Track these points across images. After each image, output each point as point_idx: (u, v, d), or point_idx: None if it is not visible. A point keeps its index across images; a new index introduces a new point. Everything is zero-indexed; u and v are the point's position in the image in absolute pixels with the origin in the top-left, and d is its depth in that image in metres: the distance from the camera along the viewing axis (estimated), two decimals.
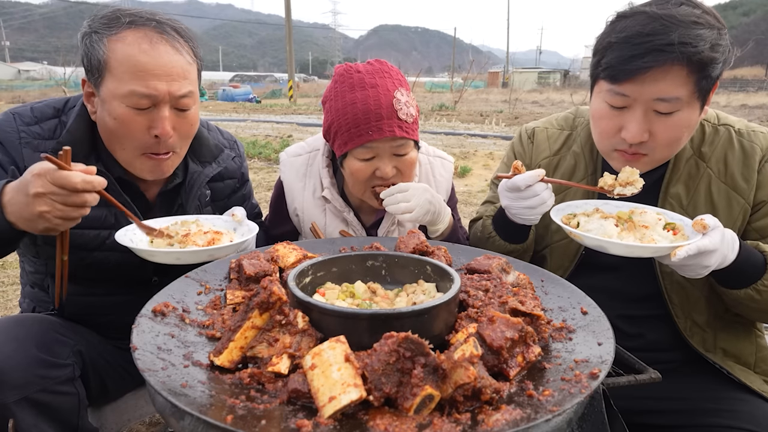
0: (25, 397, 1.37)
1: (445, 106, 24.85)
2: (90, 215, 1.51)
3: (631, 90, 1.37)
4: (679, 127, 1.39)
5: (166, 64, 1.46)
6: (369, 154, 1.69)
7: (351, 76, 1.72)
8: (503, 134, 14.42)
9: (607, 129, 1.47)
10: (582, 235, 1.36)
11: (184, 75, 1.50)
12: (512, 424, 0.75)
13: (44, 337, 1.47)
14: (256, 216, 2.05)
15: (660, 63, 1.31)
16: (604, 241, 1.32)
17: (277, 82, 61.71)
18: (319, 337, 0.94)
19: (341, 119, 1.70)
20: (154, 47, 1.45)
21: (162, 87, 1.45)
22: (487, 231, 1.72)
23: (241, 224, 1.63)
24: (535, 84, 56.43)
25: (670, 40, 1.29)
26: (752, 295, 1.38)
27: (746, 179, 1.51)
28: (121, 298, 1.70)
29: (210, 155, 1.79)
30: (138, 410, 1.95)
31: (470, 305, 1.09)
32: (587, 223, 1.44)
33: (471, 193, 7.30)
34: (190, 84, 1.53)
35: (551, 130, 1.79)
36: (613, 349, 0.96)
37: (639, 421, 1.54)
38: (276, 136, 13.04)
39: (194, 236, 1.49)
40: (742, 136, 1.55)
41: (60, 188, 1.19)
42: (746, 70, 62.50)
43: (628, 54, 1.34)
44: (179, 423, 0.80)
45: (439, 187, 1.98)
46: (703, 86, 1.35)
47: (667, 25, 1.31)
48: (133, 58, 1.43)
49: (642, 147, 1.44)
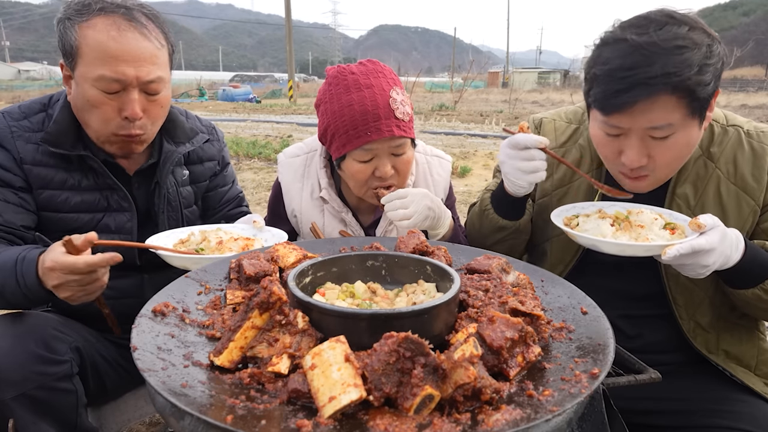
0: (23, 393, 1.38)
1: (445, 106, 24.85)
2: (84, 199, 1.66)
3: (622, 122, 1.36)
4: (678, 148, 1.39)
5: (134, 50, 1.52)
6: (368, 155, 1.69)
7: (345, 77, 1.71)
8: (503, 134, 14.41)
9: (607, 155, 1.48)
10: (576, 235, 1.37)
11: (151, 60, 1.56)
12: (512, 424, 0.75)
13: (42, 333, 1.48)
14: (241, 202, 2.12)
15: (645, 95, 1.28)
16: (596, 240, 1.33)
17: (277, 82, 61.75)
18: (319, 337, 0.94)
19: (338, 122, 1.69)
20: (122, 34, 1.51)
21: (130, 72, 1.52)
22: (484, 204, 1.72)
23: (262, 230, 1.70)
24: (535, 84, 56.43)
25: (653, 73, 1.26)
26: (760, 295, 1.38)
27: (757, 180, 1.50)
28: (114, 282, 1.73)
29: (184, 136, 1.86)
30: (138, 410, 1.95)
31: (470, 305, 1.09)
32: (585, 222, 1.45)
33: (471, 193, 7.30)
34: (159, 69, 1.58)
35: (559, 122, 1.79)
36: (613, 349, 0.96)
37: (639, 421, 1.54)
38: (276, 136, 13.03)
39: (228, 243, 1.55)
40: (751, 137, 1.54)
41: (71, 274, 1.29)
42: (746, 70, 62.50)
43: (613, 89, 1.31)
44: (179, 423, 0.80)
45: (436, 187, 1.97)
46: (695, 107, 1.32)
47: (648, 55, 1.27)
48: (103, 44, 1.50)
49: (643, 169, 1.43)
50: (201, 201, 1.99)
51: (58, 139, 1.61)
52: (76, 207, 1.65)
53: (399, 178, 1.77)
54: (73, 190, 1.66)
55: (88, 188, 1.67)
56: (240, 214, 2.06)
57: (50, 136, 1.61)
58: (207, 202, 2.01)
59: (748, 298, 1.41)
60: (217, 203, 2.03)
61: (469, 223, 1.88)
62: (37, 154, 1.62)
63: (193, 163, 1.91)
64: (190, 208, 1.91)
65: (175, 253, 1.49)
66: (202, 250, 1.52)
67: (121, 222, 1.71)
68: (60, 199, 1.65)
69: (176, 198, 1.82)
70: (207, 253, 1.51)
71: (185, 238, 1.62)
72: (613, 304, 1.25)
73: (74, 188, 1.66)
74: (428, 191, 1.74)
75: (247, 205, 2.15)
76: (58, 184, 1.64)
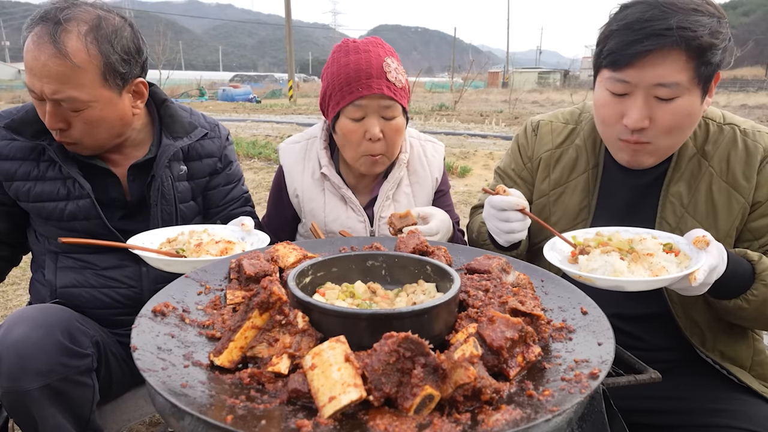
0: (46, 384, 1.41)
1: (445, 106, 24.85)
2: (44, 189, 1.70)
3: (631, 76, 1.38)
4: (680, 114, 1.40)
5: (43, 67, 1.50)
6: (359, 112, 1.78)
7: (347, 45, 1.86)
8: (503, 134, 14.41)
9: (608, 116, 1.48)
10: (593, 278, 1.25)
11: (59, 79, 1.50)
12: (512, 424, 0.75)
13: (68, 324, 1.52)
14: (246, 202, 2.13)
15: (659, 46, 1.33)
16: (620, 281, 1.23)
17: (277, 82, 61.70)
18: (319, 337, 0.94)
19: (335, 81, 1.81)
20: (38, 47, 1.50)
21: (37, 85, 1.52)
22: (482, 237, 1.75)
23: (250, 234, 1.68)
24: (535, 84, 56.45)
25: (668, 25, 1.32)
26: (740, 304, 1.38)
27: (747, 178, 1.51)
28: (112, 272, 1.80)
29: (183, 131, 1.87)
30: (138, 410, 1.95)
31: (470, 305, 1.09)
32: (590, 261, 1.34)
33: (471, 193, 7.30)
34: (71, 88, 1.52)
35: (556, 124, 1.80)
36: (614, 349, 0.95)
37: (639, 421, 1.54)
38: (276, 136, 13.04)
39: (207, 246, 1.53)
40: (747, 135, 1.54)
41: None
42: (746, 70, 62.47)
43: (628, 39, 1.36)
44: (179, 423, 0.80)
45: (431, 167, 2.06)
46: (702, 72, 1.35)
47: (666, 11, 1.34)
48: (25, 54, 1.53)
49: (643, 134, 1.44)
50: (202, 199, 2.00)
51: (20, 127, 1.66)
52: (37, 197, 1.70)
53: (388, 146, 1.84)
54: (37, 180, 1.70)
55: (51, 178, 1.71)
56: (244, 213, 2.07)
57: (13, 123, 1.67)
58: (208, 200, 2.02)
59: (730, 308, 1.40)
60: (220, 201, 2.03)
61: (469, 239, 1.92)
62: (5, 149, 1.68)
63: (192, 159, 1.93)
64: (187, 203, 1.92)
65: (151, 253, 1.49)
66: (182, 251, 1.52)
67: (85, 207, 1.73)
68: (23, 189, 1.70)
69: (171, 192, 1.83)
70: (187, 255, 1.51)
71: (173, 237, 1.62)
72: (611, 303, 1.25)
73: (38, 179, 1.70)
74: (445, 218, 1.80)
75: (252, 205, 2.15)
76: (22, 176, 1.69)
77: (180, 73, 69.60)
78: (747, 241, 1.53)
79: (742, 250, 1.44)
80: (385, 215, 1.96)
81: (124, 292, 1.80)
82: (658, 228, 1.56)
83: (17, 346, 1.39)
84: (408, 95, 1.88)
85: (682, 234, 1.40)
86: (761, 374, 1.57)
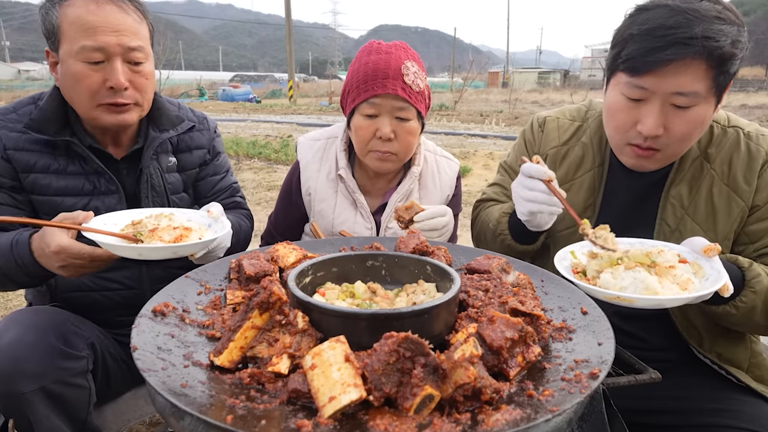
0: (41, 387, 1.41)
1: (445, 106, 24.86)
2: (68, 184, 1.69)
3: (650, 83, 1.36)
4: (694, 123, 1.38)
5: (113, 21, 1.57)
6: (372, 110, 1.81)
7: (371, 45, 1.90)
8: (503, 134, 14.42)
9: (622, 122, 1.46)
10: (635, 298, 1.16)
11: (131, 31, 1.60)
12: (512, 424, 0.75)
13: (62, 328, 1.51)
14: (235, 192, 2.12)
15: (681, 56, 1.30)
16: (662, 300, 1.17)
17: (277, 82, 61.66)
18: (319, 337, 0.94)
19: (354, 79, 1.85)
20: (101, 7, 1.56)
21: (111, 40, 1.56)
22: (501, 227, 1.69)
23: (217, 221, 1.61)
24: (535, 84, 56.44)
25: (693, 34, 1.28)
26: (729, 310, 1.37)
27: (748, 181, 1.50)
28: (112, 274, 1.79)
29: (169, 123, 1.88)
30: (138, 410, 1.95)
31: (470, 305, 1.09)
32: (616, 278, 1.25)
33: (471, 193, 7.30)
34: (140, 39, 1.62)
35: (562, 120, 1.79)
36: (613, 349, 0.96)
37: (639, 421, 1.54)
38: (276, 136, 13.03)
39: (161, 231, 1.48)
40: (750, 138, 1.54)
41: (77, 259, 1.37)
42: (746, 70, 62.48)
43: (650, 46, 1.33)
44: (179, 423, 0.80)
45: (442, 183, 2.06)
46: (720, 82, 1.34)
47: (691, 18, 1.30)
48: (82, 18, 1.55)
49: (656, 142, 1.42)
50: (193, 190, 2.01)
51: (41, 125, 1.65)
52: (60, 191, 1.69)
53: (399, 147, 1.84)
54: (57, 174, 1.69)
55: (73, 173, 1.70)
56: (232, 203, 2.07)
57: (33, 122, 1.65)
58: (198, 190, 2.03)
59: (718, 313, 1.40)
60: (209, 192, 2.04)
61: (477, 240, 1.89)
62: (20, 141, 1.65)
63: (182, 151, 1.94)
64: (178, 194, 1.92)
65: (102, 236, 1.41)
66: (140, 234, 1.46)
67: (110, 204, 1.73)
68: (44, 182, 1.68)
69: (160, 184, 1.84)
70: (145, 240, 1.44)
71: (137, 220, 1.55)
72: (610, 303, 1.24)
73: (59, 173, 1.69)
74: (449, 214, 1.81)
75: (242, 195, 2.16)
76: (42, 168, 1.68)
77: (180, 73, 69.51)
78: (743, 245, 1.52)
79: (732, 256, 1.43)
80: (392, 225, 1.96)
81: (124, 293, 1.80)
82: (658, 229, 1.56)
83: (10, 348, 1.39)
84: (426, 101, 1.89)
85: (681, 235, 1.39)
86: (759, 376, 1.57)
